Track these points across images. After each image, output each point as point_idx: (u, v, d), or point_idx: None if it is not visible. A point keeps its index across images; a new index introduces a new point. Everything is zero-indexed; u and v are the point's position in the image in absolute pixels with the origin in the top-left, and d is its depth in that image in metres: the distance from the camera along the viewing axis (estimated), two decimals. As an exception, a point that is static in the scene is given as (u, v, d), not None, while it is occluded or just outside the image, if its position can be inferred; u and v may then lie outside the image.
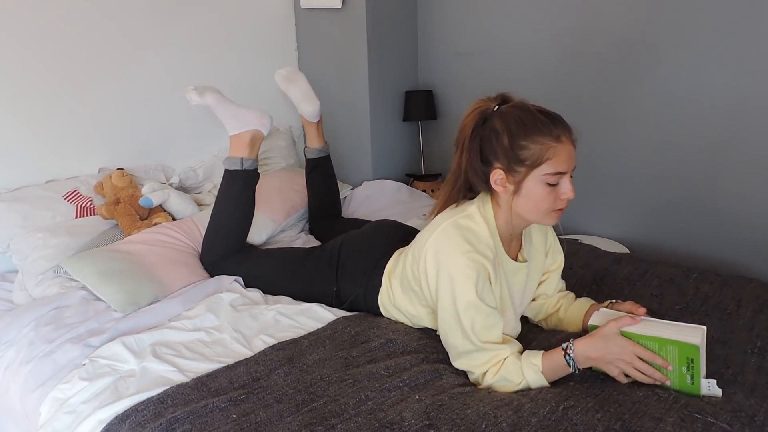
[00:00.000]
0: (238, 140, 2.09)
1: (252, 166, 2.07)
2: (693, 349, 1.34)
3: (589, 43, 2.44)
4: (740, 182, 2.19)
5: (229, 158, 2.08)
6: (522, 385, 1.44)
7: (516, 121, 1.42)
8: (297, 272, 1.94)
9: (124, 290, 1.89)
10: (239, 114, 2.09)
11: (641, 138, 2.38)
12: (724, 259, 2.26)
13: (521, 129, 1.41)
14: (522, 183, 1.43)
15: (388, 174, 2.97)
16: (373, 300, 1.77)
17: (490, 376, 1.45)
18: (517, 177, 1.43)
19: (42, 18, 2.34)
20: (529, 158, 1.40)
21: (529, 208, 1.46)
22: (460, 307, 1.45)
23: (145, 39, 2.60)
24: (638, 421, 1.30)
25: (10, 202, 2.26)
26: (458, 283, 1.45)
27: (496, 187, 1.47)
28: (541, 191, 1.43)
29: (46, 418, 1.54)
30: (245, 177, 2.07)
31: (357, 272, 1.82)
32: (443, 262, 1.47)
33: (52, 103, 2.41)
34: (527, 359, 1.45)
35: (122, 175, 2.38)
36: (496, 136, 1.44)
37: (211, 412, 1.37)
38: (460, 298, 1.45)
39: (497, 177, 1.46)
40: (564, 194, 1.44)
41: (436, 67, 2.97)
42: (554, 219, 1.48)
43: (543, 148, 1.40)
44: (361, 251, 1.86)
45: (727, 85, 2.15)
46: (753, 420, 1.30)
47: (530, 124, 1.41)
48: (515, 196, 1.45)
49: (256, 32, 2.93)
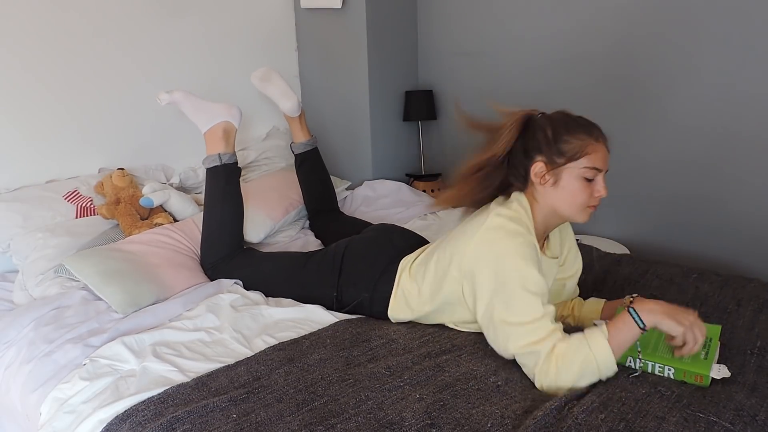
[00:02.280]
0: (212, 136, 2.12)
1: (231, 159, 2.10)
2: (715, 329, 1.48)
3: (588, 43, 2.44)
4: (740, 182, 2.19)
5: (207, 157, 2.12)
6: (590, 364, 1.37)
7: (560, 120, 1.55)
8: (296, 277, 1.94)
9: (125, 290, 1.89)
10: (207, 108, 2.14)
11: (641, 138, 2.38)
12: (723, 259, 2.26)
13: (564, 126, 1.53)
14: (561, 174, 1.52)
15: (388, 174, 2.97)
16: (381, 306, 1.77)
17: (557, 356, 1.38)
18: (557, 169, 1.52)
19: (42, 18, 2.34)
20: (570, 151, 1.50)
21: (565, 201, 1.53)
22: (527, 280, 1.44)
23: (146, 39, 2.60)
24: (641, 420, 1.30)
25: (10, 202, 2.26)
26: (520, 262, 1.45)
27: (536, 179, 1.54)
28: (578, 185, 1.51)
29: (46, 417, 1.53)
30: (226, 171, 2.09)
31: (363, 278, 1.81)
32: (499, 249, 1.48)
33: (53, 103, 2.41)
34: (589, 333, 1.40)
35: (122, 175, 2.38)
36: (541, 129, 1.54)
37: (211, 412, 1.37)
38: (523, 273, 1.44)
39: (538, 169, 1.54)
40: (598, 191, 1.53)
41: (436, 67, 2.97)
42: (587, 215, 1.56)
43: (583, 144, 1.50)
44: (368, 258, 1.86)
45: (727, 86, 2.15)
46: (754, 419, 1.31)
47: (572, 123, 1.54)
48: (553, 187, 1.53)
49: (256, 32, 2.93)
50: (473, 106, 2.85)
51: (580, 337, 1.40)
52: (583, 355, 1.37)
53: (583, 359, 1.37)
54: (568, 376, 1.38)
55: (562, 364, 1.38)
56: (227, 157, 2.08)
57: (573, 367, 1.37)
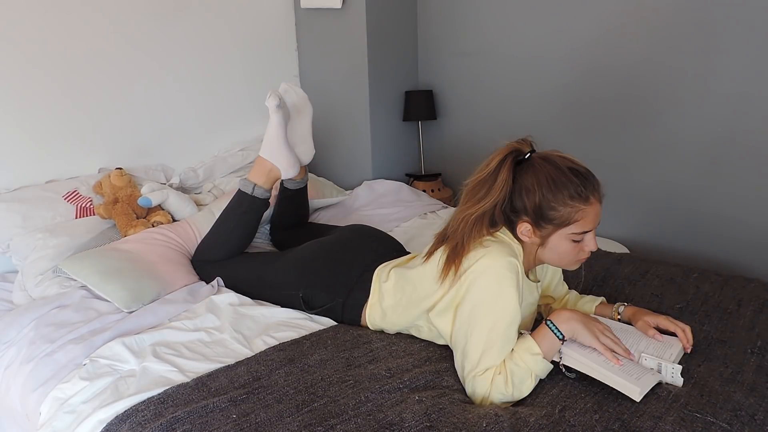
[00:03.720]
0: (260, 164, 2.11)
1: (262, 195, 2.09)
2: None
3: (588, 43, 2.44)
4: (740, 182, 2.19)
5: (245, 180, 2.10)
6: (533, 380, 1.44)
7: (547, 180, 1.43)
8: (265, 277, 1.93)
9: (127, 287, 1.89)
10: (280, 147, 2.09)
11: (641, 138, 2.38)
12: (723, 260, 2.26)
13: (551, 189, 1.42)
14: (548, 239, 1.47)
15: (388, 174, 2.97)
16: (354, 313, 1.77)
17: (501, 383, 1.43)
18: (544, 233, 1.47)
19: (41, 19, 2.34)
20: (558, 219, 1.43)
21: (553, 259, 1.52)
22: (499, 321, 1.45)
23: (145, 39, 2.60)
24: (637, 420, 1.30)
25: (10, 203, 2.26)
26: (503, 290, 1.45)
27: (522, 237, 1.50)
28: (566, 246, 1.47)
29: (46, 417, 1.54)
30: (251, 203, 2.09)
31: (339, 283, 1.80)
32: (487, 268, 1.47)
33: (53, 104, 2.41)
34: (523, 350, 1.44)
35: (121, 175, 2.38)
36: (526, 192, 1.45)
37: (211, 412, 1.37)
38: (502, 305, 1.45)
39: (524, 229, 1.48)
40: (588, 247, 1.49)
41: (436, 67, 2.97)
42: (576, 266, 1.54)
43: (572, 211, 1.42)
44: (345, 262, 1.85)
45: (727, 86, 2.15)
46: (753, 419, 1.31)
47: (561, 185, 1.42)
48: (540, 247, 1.50)
49: (256, 32, 2.93)
50: (473, 106, 2.88)
51: (524, 367, 1.43)
52: (522, 372, 1.43)
53: (521, 375, 1.43)
54: (514, 390, 1.43)
55: (507, 384, 1.43)
56: (260, 191, 2.07)
57: (515, 384, 1.43)
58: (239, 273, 2.00)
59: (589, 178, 1.44)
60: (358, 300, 1.77)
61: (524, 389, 1.43)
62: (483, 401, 1.45)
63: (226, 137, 2.89)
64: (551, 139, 2.62)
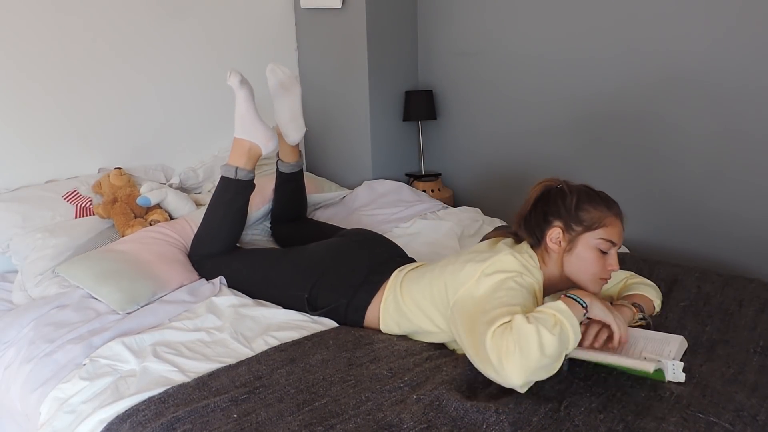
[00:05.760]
0: (239, 145, 2.10)
1: (246, 176, 2.09)
2: (647, 373, 1.37)
3: (588, 43, 2.44)
4: (741, 182, 2.19)
5: (227, 165, 2.10)
6: (556, 331, 1.31)
7: (582, 190, 1.61)
8: (270, 276, 1.93)
9: (120, 289, 1.89)
10: (253, 122, 2.09)
11: (641, 137, 2.38)
12: (724, 260, 2.26)
13: (586, 195, 1.59)
14: (576, 242, 1.56)
15: (388, 174, 2.97)
16: (358, 315, 1.77)
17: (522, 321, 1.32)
18: (573, 236, 1.56)
19: (41, 20, 2.34)
20: (588, 220, 1.56)
21: (579, 269, 1.57)
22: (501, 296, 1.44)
23: (146, 39, 2.60)
24: (641, 421, 1.30)
25: (10, 203, 2.25)
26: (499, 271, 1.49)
27: (551, 245, 1.58)
28: (591, 255, 1.55)
29: (46, 417, 1.53)
30: (237, 186, 2.08)
31: (344, 284, 1.81)
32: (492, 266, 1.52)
33: (53, 104, 2.41)
34: (547, 307, 1.38)
35: (120, 174, 2.38)
36: (562, 196, 1.59)
37: (212, 412, 1.37)
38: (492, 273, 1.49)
39: (554, 234, 1.58)
40: (610, 265, 1.57)
41: (436, 67, 2.97)
42: (599, 287, 1.59)
43: (602, 215, 1.56)
44: (351, 264, 1.86)
45: (728, 86, 2.15)
46: (755, 419, 1.31)
47: (594, 195, 1.60)
48: (567, 254, 1.57)
49: (256, 32, 2.93)
50: (473, 106, 2.88)
51: (546, 318, 1.34)
52: (547, 318, 1.34)
53: (546, 320, 1.33)
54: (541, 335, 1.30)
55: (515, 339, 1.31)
56: (243, 173, 2.07)
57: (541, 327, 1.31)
58: (242, 272, 1.99)
59: (615, 203, 1.61)
60: (362, 301, 1.77)
61: (552, 341, 1.29)
62: (509, 356, 1.28)
63: (226, 137, 2.86)
64: (551, 137, 2.63)
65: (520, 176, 2.72)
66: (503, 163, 2.81)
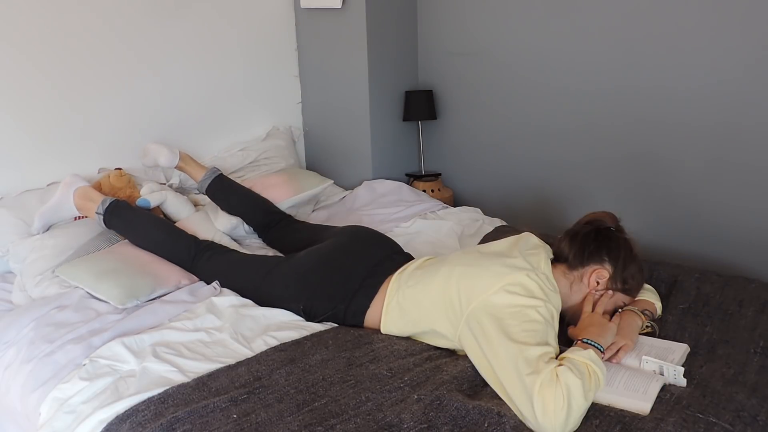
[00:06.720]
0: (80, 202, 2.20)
1: (106, 202, 2.16)
2: None
3: (588, 43, 2.43)
4: (741, 182, 2.19)
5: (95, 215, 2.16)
6: (593, 383, 1.34)
7: (636, 256, 1.67)
8: (262, 288, 1.90)
9: (120, 284, 1.90)
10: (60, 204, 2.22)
11: (641, 137, 2.38)
12: (724, 260, 2.26)
13: (636, 264, 1.65)
14: (606, 296, 1.62)
15: (388, 174, 2.97)
16: (357, 318, 1.76)
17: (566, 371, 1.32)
18: (612, 287, 1.62)
19: (41, 21, 2.34)
20: (629, 284, 1.64)
21: (579, 304, 1.63)
22: None
23: (146, 40, 2.60)
24: (639, 423, 1.29)
25: (12, 208, 2.25)
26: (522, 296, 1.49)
27: (590, 280, 1.62)
28: (609, 309, 1.62)
29: (46, 417, 1.53)
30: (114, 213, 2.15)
31: (340, 290, 1.79)
32: None
33: (53, 105, 2.41)
34: (573, 354, 1.39)
35: (120, 175, 2.38)
36: (626, 247, 1.65)
37: (212, 412, 1.37)
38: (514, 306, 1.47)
39: (602, 275, 1.62)
40: None
41: (436, 67, 2.96)
42: None
43: (638, 287, 1.68)
44: (345, 269, 1.84)
45: (727, 86, 2.15)
46: (755, 420, 1.30)
47: (642, 268, 1.68)
48: (588, 294, 1.62)
49: (256, 32, 2.93)
50: (473, 106, 2.87)
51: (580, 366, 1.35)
52: (578, 363, 1.37)
53: (578, 365, 1.36)
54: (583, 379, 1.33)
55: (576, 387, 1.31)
56: (102, 207, 2.14)
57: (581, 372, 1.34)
58: (236, 284, 1.96)
59: None
60: (360, 306, 1.76)
61: (591, 393, 1.32)
62: (558, 412, 1.27)
63: (226, 137, 2.88)
64: (551, 137, 2.63)
65: (520, 176, 2.71)
66: (503, 163, 2.80)
